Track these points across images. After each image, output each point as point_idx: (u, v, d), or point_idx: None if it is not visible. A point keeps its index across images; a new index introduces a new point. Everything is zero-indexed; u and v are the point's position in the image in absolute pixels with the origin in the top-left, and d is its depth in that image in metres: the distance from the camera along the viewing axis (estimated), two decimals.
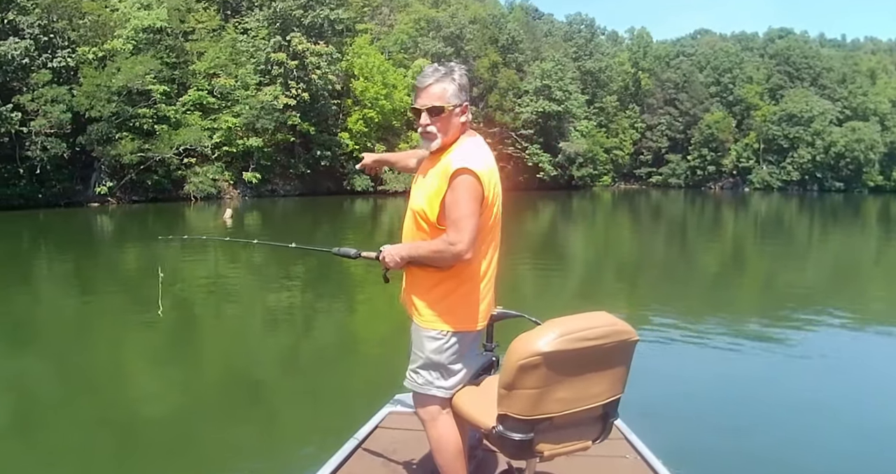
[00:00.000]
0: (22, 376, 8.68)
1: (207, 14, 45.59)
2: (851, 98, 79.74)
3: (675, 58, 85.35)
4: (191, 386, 8.27)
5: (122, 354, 9.74)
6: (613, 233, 32.35)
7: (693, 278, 17.39)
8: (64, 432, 6.78)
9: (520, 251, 22.93)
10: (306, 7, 45.63)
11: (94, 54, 37.59)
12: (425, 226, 3.02)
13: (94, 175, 37.90)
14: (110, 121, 36.12)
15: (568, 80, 64.88)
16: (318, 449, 4.10)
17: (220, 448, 6.32)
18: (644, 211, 48.56)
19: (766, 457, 5.97)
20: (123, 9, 40.32)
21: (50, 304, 13.70)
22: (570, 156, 64.77)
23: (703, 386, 8.11)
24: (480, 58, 60.03)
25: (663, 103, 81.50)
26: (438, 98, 2.98)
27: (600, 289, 15.66)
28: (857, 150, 74.87)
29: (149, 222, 31.55)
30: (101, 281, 15.41)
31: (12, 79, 34.85)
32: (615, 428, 3.45)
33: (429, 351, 3.04)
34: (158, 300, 4.44)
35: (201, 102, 41.65)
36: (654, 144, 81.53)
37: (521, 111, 62.17)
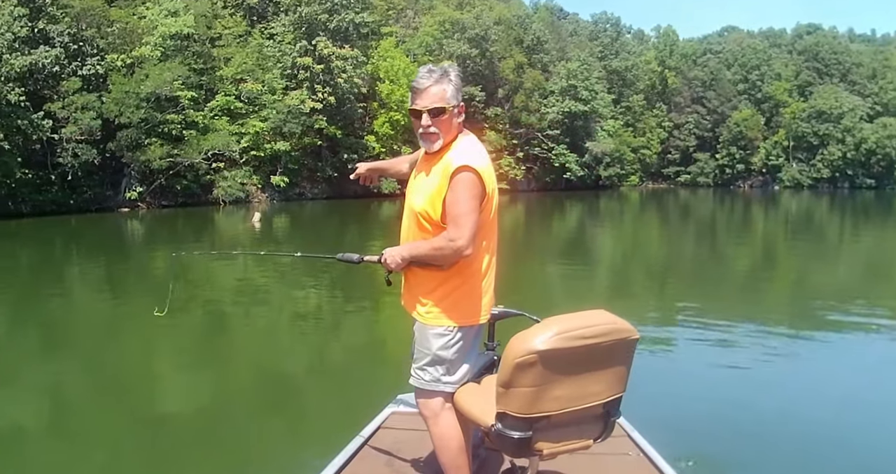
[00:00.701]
0: (55, 377, 8.82)
1: (234, 20, 45.98)
2: (882, 94, 78.72)
3: (702, 55, 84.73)
4: (198, 387, 8.35)
5: (150, 355, 9.87)
6: (641, 232, 32.16)
7: (720, 278, 17.21)
8: (95, 430, 6.92)
9: (547, 251, 22.93)
10: (331, 11, 45.83)
11: (123, 61, 37.98)
12: (428, 227, 3.06)
13: (124, 180, 38.31)
14: (139, 127, 36.49)
15: (594, 79, 64.65)
16: (322, 450, 4.13)
17: (219, 448, 6.35)
18: (672, 210, 48.26)
19: (769, 457, 5.95)
20: (151, 16, 40.70)
21: (82, 307, 13.89)
22: (597, 156, 64.51)
23: (714, 385, 8.07)
24: (505, 59, 59.95)
25: (690, 101, 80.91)
26: (439, 99, 3.03)
27: (625, 289, 15.59)
28: (888, 147, 73.91)
29: (178, 226, 31.87)
30: (131, 284, 15.60)
31: (43, 87, 35.36)
32: (618, 426, 3.45)
33: (436, 347, 3.08)
34: (167, 300, 4.52)
35: (229, 107, 41.94)
36: (681, 143, 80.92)
37: (547, 111, 61.99)
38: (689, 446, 5.77)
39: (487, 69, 58.79)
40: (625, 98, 74.72)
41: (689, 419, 6.74)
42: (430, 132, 3.06)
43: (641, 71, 78.87)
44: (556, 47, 68.67)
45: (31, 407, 7.76)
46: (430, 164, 3.13)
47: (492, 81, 59.34)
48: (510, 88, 60.57)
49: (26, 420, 7.36)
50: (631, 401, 2.97)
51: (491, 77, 59.30)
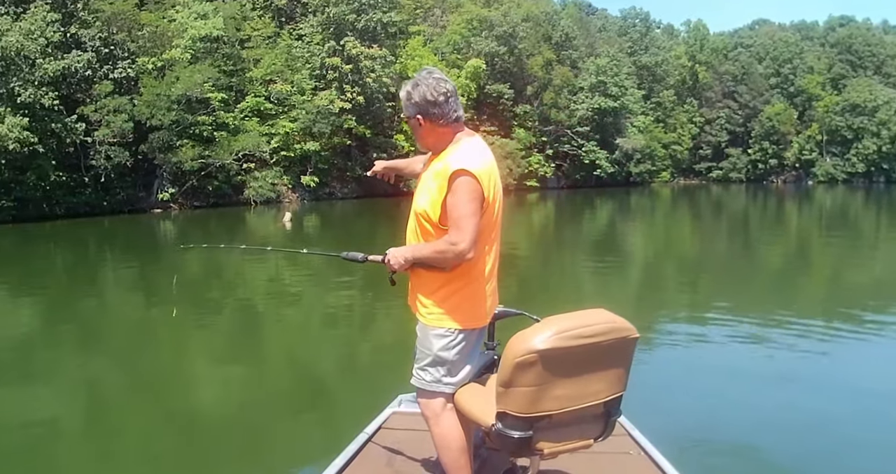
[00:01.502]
0: (90, 374, 8.95)
1: (263, 21, 46.24)
2: None
3: (733, 49, 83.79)
4: (199, 386, 8.44)
5: (174, 353, 10.02)
6: (673, 229, 31.86)
7: (749, 275, 16.96)
8: (128, 428, 6.99)
9: (578, 249, 22.81)
10: (359, 11, 45.94)
11: (154, 64, 38.36)
12: (429, 228, 3.09)
13: (156, 182, 38.71)
14: (171, 129, 36.82)
15: (623, 75, 64.23)
16: (322, 452, 4.14)
17: (219, 449, 6.38)
18: (704, 206, 47.79)
19: (774, 456, 5.90)
20: (181, 19, 41.04)
21: (116, 307, 14.05)
22: (628, 152, 64.10)
23: (725, 384, 8.01)
24: (534, 55, 59.71)
25: (722, 96, 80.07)
26: (404, 110, 3.19)
27: (652, 287, 15.47)
28: None
29: (210, 227, 32.11)
30: (164, 285, 15.68)
31: (76, 90, 35.82)
32: (619, 425, 3.45)
33: (437, 348, 3.09)
34: (174, 293, 4.57)
35: (259, 108, 42.21)
36: (713, 138, 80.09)
37: (577, 108, 61.70)
38: (692, 445, 5.75)
39: (516, 66, 58.61)
40: (655, 93, 74.10)
41: (697, 417, 6.77)
42: None
43: (671, 66, 78.16)
44: (585, 43, 68.30)
45: (67, 403, 7.88)
46: (432, 165, 3.17)
47: (520, 79, 59.15)
48: (539, 85, 60.33)
49: (62, 416, 7.47)
50: (637, 400, 2.93)
51: (519, 74, 59.10)
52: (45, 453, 6.53)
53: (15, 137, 30.05)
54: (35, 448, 6.63)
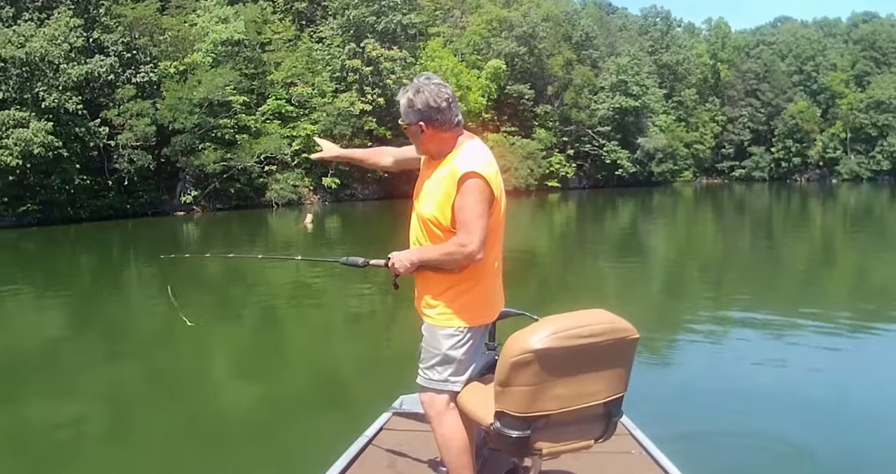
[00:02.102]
0: (114, 376, 9.01)
1: (283, 25, 46.49)
2: None
3: (755, 47, 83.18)
4: (203, 390, 8.43)
5: (202, 356, 10.05)
6: (696, 229, 31.63)
7: (774, 275, 16.70)
8: (151, 429, 7.02)
9: (599, 249, 22.71)
10: (379, 13, 46.05)
11: (176, 68, 38.67)
12: (439, 232, 3.10)
13: (179, 185, 39.02)
14: (193, 132, 37.10)
15: (644, 74, 64.01)
16: (324, 453, 4.13)
17: (219, 450, 6.38)
18: (727, 206, 47.44)
19: (776, 455, 5.88)
20: (202, 23, 41.37)
21: (139, 309, 14.14)
22: (649, 151, 63.78)
23: (728, 385, 7.95)
24: (554, 55, 59.56)
25: (744, 94, 79.51)
26: (401, 115, 3.16)
27: (673, 287, 15.36)
28: None
29: (233, 229, 32.31)
30: (187, 287, 15.77)
31: (99, 95, 36.15)
32: (620, 425, 3.44)
33: (446, 348, 3.12)
34: (179, 313, 4.54)
35: (280, 111, 42.42)
36: (735, 137, 79.56)
37: (598, 108, 61.48)
38: (694, 445, 5.72)
39: (536, 66, 58.49)
40: (676, 92, 73.73)
41: (703, 418, 6.75)
42: None
43: (693, 64, 77.72)
44: (606, 43, 68.07)
45: (92, 404, 7.93)
46: (435, 169, 3.17)
47: (541, 79, 59.02)
48: (559, 85, 60.17)
49: (87, 416, 7.54)
50: (645, 399, 2.92)
51: (540, 74, 58.98)
52: (71, 452, 6.60)
53: (40, 141, 30.37)
54: (61, 447, 6.70)
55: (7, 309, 14.43)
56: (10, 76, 31.96)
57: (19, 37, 31.78)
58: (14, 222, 31.61)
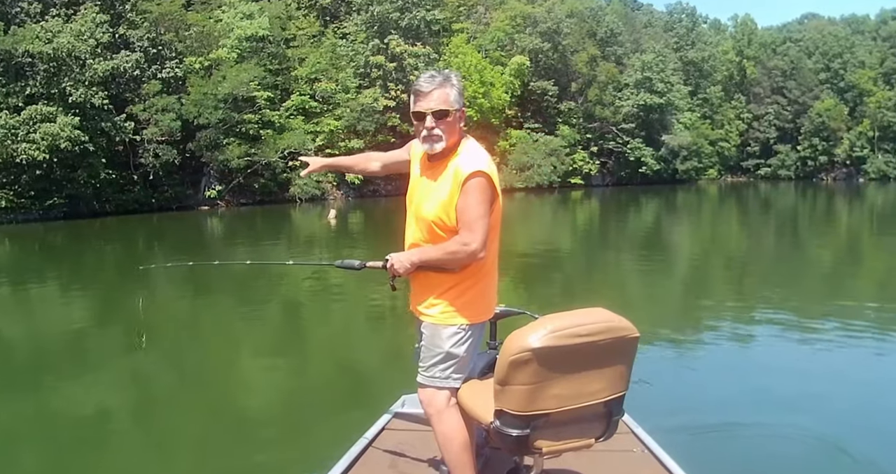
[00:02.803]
0: (139, 369, 9.05)
1: (307, 21, 46.63)
2: None
3: (782, 44, 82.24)
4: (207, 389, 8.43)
5: (227, 350, 10.09)
6: (720, 228, 31.31)
7: (796, 275, 16.35)
8: (177, 421, 7.10)
9: (622, 247, 22.57)
10: (403, 9, 46.10)
11: (201, 64, 38.92)
12: (442, 233, 3.11)
13: (203, 180, 39.29)
14: (218, 127, 37.32)
15: (669, 71, 63.50)
16: (324, 454, 4.14)
17: (219, 449, 6.35)
18: (752, 204, 47.00)
19: (779, 454, 5.82)
20: (227, 19, 41.58)
21: (164, 303, 14.21)
22: (674, 149, 63.31)
23: (735, 384, 7.89)
24: (578, 52, 59.27)
25: (770, 92, 78.68)
26: (443, 102, 3.08)
27: (695, 286, 15.17)
28: None
29: (257, 224, 32.49)
30: (212, 280, 15.87)
31: (125, 90, 36.48)
32: (622, 423, 3.47)
33: (448, 345, 3.13)
34: (139, 332, 4.43)
35: (304, 107, 42.59)
36: (761, 135, 78.76)
37: (622, 105, 61.12)
38: (697, 443, 5.71)
39: (560, 63, 58.26)
40: (702, 89, 73.08)
41: (706, 416, 6.71)
42: (433, 134, 3.09)
43: (719, 61, 77.02)
44: (630, 39, 67.65)
45: (116, 396, 7.99)
46: (435, 170, 3.16)
47: (565, 75, 58.79)
48: (583, 82, 59.88)
49: (112, 408, 7.60)
50: (651, 397, 2.89)
51: (564, 71, 58.75)
52: (94, 440, 6.67)
53: (66, 136, 30.68)
54: (86, 436, 6.78)
55: (34, 300, 14.61)
56: (37, 71, 32.34)
57: (47, 33, 32.11)
58: (41, 216, 31.97)
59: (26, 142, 30.39)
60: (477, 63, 49.60)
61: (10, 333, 11.96)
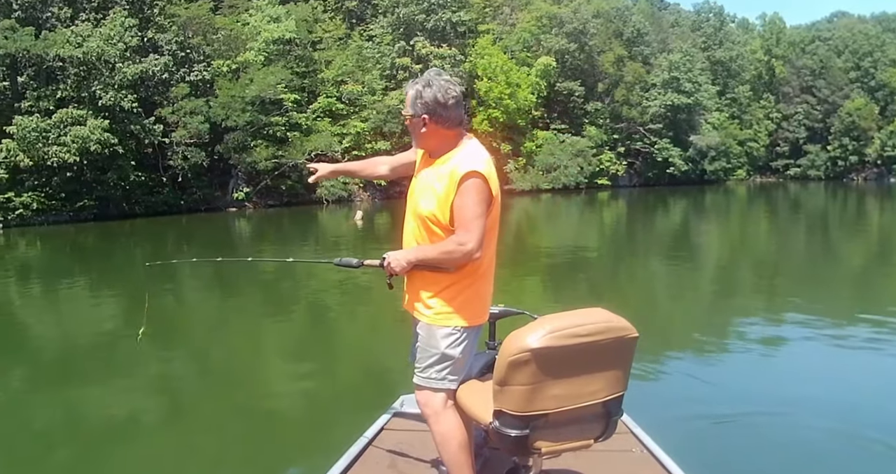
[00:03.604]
0: (167, 368, 9.13)
1: (334, 23, 46.85)
2: None
3: (811, 43, 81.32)
4: None
5: (253, 349, 10.14)
6: (749, 228, 30.95)
7: (825, 278, 16.04)
8: (205, 420, 7.15)
9: (650, 248, 22.41)
10: (429, 11, 46.19)
11: (228, 67, 39.23)
12: (438, 231, 3.10)
13: (231, 181, 39.59)
14: (245, 129, 37.58)
15: (697, 71, 63.01)
16: (324, 454, 4.15)
17: (218, 449, 6.37)
18: (782, 205, 46.47)
19: (776, 454, 5.79)
20: (254, 22, 41.91)
21: (192, 303, 14.35)
22: (702, 149, 62.79)
23: (742, 384, 7.85)
24: (605, 52, 59.01)
25: (800, 91, 77.84)
26: (407, 105, 3.16)
27: (721, 288, 14.97)
28: None
29: (284, 225, 32.65)
30: (240, 281, 15.97)
31: (154, 93, 36.85)
32: (621, 423, 3.49)
33: (443, 346, 3.12)
34: (141, 327, 4.49)
35: (330, 109, 42.77)
36: (790, 135, 77.90)
37: (649, 105, 60.72)
38: (696, 443, 5.67)
39: (587, 63, 58.05)
40: (730, 89, 72.46)
41: (709, 416, 6.69)
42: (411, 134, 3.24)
43: (747, 61, 76.33)
44: (658, 39, 67.22)
45: (144, 395, 8.06)
46: (433, 169, 3.17)
47: (591, 76, 58.56)
48: (610, 82, 59.61)
49: (140, 407, 7.65)
50: (644, 397, 2.86)
51: (590, 71, 58.53)
52: (122, 438, 6.73)
53: (97, 139, 31.07)
54: (113, 434, 6.84)
55: (65, 300, 14.79)
56: (68, 75, 32.74)
57: (76, 37, 32.53)
58: (71, 217, 32.40)
59: (57, 145, 30.80)
60: (503, 64, 49.55)
61: (41, 332, 12.11)
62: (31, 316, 13.62)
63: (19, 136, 30.35)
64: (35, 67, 32.88)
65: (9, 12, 33.26)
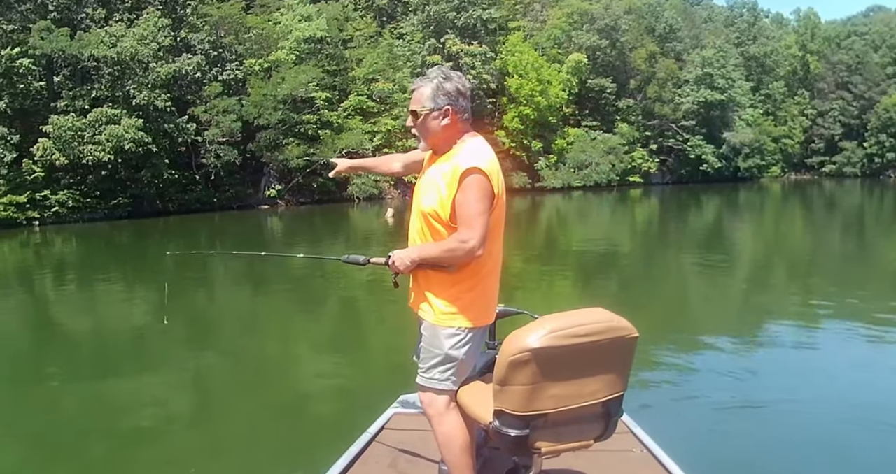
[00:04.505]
0: (200, 364, 9.21)
1: (364, 22, 47.01)
2: None
3: (847, 38, 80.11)
4: None
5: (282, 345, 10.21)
6: (784, 227, 30.47)
7: (854, 279, 15.64)
8: (237, 415, 7.16)
9: (682, 247, 22.19)
10: (459, 9, 46.15)
11: (260, 66, 39.50)
12: (440, 227, 3.08)
13: (263, 179, 39.87)
14: (277, 128, 37.85)
15: (731, 67, 62.36)
16: (323, 453, 4.15)
17: (218, 449, 6.36)
18: (817, 203, 45.84)
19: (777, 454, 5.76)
20: (285, 21, 42.17)
21: (224, 298, 14.47)
22: (736, 146, 62.17)
23: (748, 385, 7.73)
24: (637, 48, 58.61)
25: (835, 87, 76.72)
26: (416, 102, 3.11)
27: (752, 289, 14.70)
28: None
29: (316, 223, 32.82)
30: (271, 277, 16.06)
31: (187, 92, 37.19)
32: (621, 423, 3.49)
33: (447, 347, 3.10)
34: (165, 311, 4.49)
35: (361, 107, 42.90)
36: (826, 131, 76.78)
37: (682, 101, 60.20)
38: (696, 443, 5.65)
39: (618, 60, 57.70)
40: (764, 85, 71.65)
41: (711, 416, 6.66)
42: (413, 133, 3.16)
43: (781, 56, 75.38)
44: (690, 35, 66.62)
45: (176, 389, 8.16)
46: (437, 166, 3.16)
47: (623, 72, 58.21)
48: (642, 79, 59.20)
49: (174, 402, 7.76)
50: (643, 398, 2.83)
51: (622, 68, 58.18)
52: (154, 431, 6.81)
53: (131, 138, 31.44)
54: (146, 427, 6.93)
55: (100, 296, 14.96)
56: (102, 75, 33.16)
57: (111, 37, 32.91)
58: (106, 215, 32.83)
59: (92, 144, 31.22)
60: (534, 61, 49.39)
61: (77, 327, 12.28)
62: (68, 311, 13.81)
63: (55, 135, 30.80)
64: (70, 67, 33.36)
65: (44, 13, 33.71)
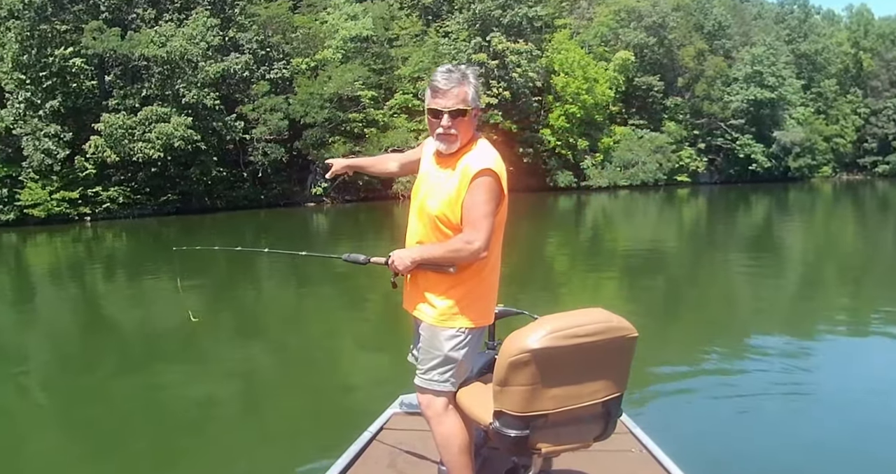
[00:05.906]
0: (245, 358, 9.30)
1: (410, 20, 47.14)
2: None
3: None
4: None
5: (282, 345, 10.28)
6: (834, 228, 29.72)
7: None
8: (236, 415, 7.25)
9: (729, 247, 21.82)
10: (505, 7, 46.02)
11: (307, 65, 39.85)
12: (447, 230, 3.05)
13: (309, 177, 40.19)
14: (323, 126, 38.16)
15: (781, 64, 61.35)
16: (323, 453, 4.13)
17: (218, 449, 6.36)
18: (869, 204, 44.81)
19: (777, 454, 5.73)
20: (332, 21, 42.46)
21: (270, 295, 14.61)
22: (786, 146, 61.13)
23: (751, 385, 7.63)
24: (685, 46, 57.92)
25: (889, 85, 75.08)
26: (461, 101, 3.01)
27: (798, 292, 14.40)
28: None
29: (360, 220, 33.04)
30: (316, 274, 16.16)
31: (235, 91, 37.67)
32: (620, 423, 3.48)
33: (447, 348, 3.08)
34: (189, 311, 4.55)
35: (407, 105, 42.98)
36: (879, 130, 75.15)
37: (731, 100, 59.36)
38: (697, 444, 5.59)
39: (666, 58, 57.07)
40: (815, 83, 70.37)
41: (712, 416, 6.66)
42: (450, 134, 3.04)
43: (833, 54, 73.95)
44: (740, 32, 65.68)
45: (224, 385, 8.26)
46: (444, 167, 3.12)
47: (671, 70, 57.56)
48: (690, 77, 58.46)
49: (218, 395, 7.87)
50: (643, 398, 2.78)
51: (670, 66, 57.53)
52: (201, 423, 6.95)
53: (180, 135, 31.95)
54: (193, 419, 7.08)
55: (149, 290, 15.21)
56: (152, 74, 33.71)
57: (160, 37, 33.48)
58: (155, 211, 33.46)
59: (142, 142, 31.80)
60: (580, 59, 49.09)
61: (126, 320, 12.51)
62: (118, 304, 14.07)
63: (106, 133, 31.43)
64: (121, 67, 33.96)
65: (96, 14, 34.37)
